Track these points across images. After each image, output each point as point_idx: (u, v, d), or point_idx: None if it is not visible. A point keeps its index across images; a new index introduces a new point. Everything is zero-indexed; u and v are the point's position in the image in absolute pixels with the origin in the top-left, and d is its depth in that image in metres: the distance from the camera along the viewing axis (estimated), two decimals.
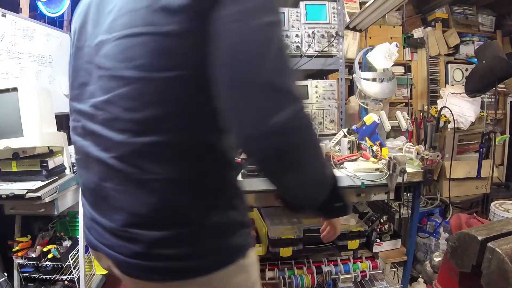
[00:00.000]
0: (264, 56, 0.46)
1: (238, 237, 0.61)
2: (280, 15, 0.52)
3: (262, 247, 1.55)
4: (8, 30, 1.92)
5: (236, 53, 0.46)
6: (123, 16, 0.52)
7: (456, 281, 0.91)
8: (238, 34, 0.46)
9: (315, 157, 0.53)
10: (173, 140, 0.51)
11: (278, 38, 0.49)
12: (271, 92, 0.46)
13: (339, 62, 2.03)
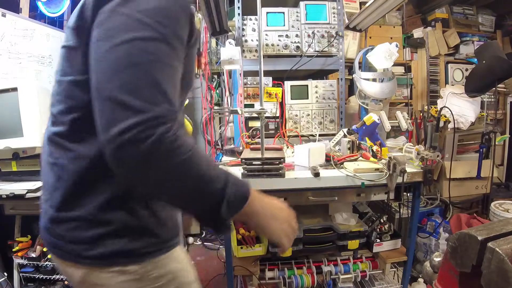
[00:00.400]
0: (113, 73, 0.50)
1: (127, 241, 0.60)
2: (157, 30, 0.52)
3: (262, 247, 1.55)
4: (8, 30, 1.92)
5: (96, 68, 0.52)
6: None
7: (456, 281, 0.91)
8: (98, 52, 0.53)
9: (164, 170, 0.50)
10: (70, 132, 0.60)
11: (136, 54, 0.50)
12: (114, 105, 0.48)
13: (339, 62, 2.03)
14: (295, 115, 2.00)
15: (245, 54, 1.96)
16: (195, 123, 3.09)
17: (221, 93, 2.85)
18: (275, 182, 1.31)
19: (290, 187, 1.32)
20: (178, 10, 0.55)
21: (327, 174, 1.34)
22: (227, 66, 1.67)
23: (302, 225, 1.55)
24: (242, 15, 1.94)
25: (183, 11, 0.56)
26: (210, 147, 2.90)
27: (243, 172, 1.31)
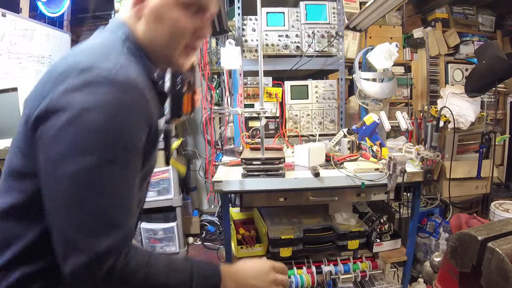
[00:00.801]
0: (62, 209, 0.50)
1: None
2: (103, 155, 0.51)
3: (262, 247, 1.54)
4: (8, 30, 1.92)
5: (46, 198, 0.52)
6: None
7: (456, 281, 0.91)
8: (46, 182, 0.52)
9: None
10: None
11: (82, 188, 0.50)
12: (65, 242, 0.50)
13: (339, 62, 2.03)
14: (295, 115, 2.00)
15: (245, 54, 1.96)
16: (195, 123, 3.09)
17: (221, 93, 2.85)
18: (275, 182, 1.31)
19: (290, 187, 1.32)
20: (128, 120, 0.53)
21: (327, 174, 1.34)
22: (227, 66, 1.67)
23: (302, 225, 1.55)
24: (242, 15, 1.94)
25: (136, 117, 0.55)
26: (210, 147, 2.90)
27: (243, 172, 1.31)
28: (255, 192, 1.35)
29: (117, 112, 0.51)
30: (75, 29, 2.86)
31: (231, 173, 1.38)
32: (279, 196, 1.38)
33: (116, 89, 0.52)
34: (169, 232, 2.56)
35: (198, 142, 3.12)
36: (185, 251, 2.65)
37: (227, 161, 1.58)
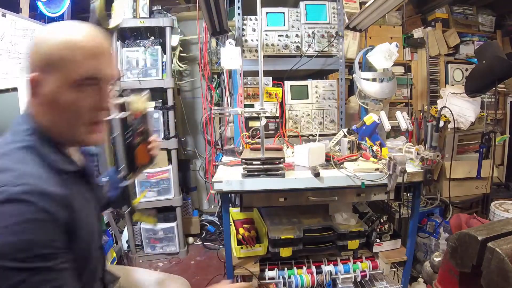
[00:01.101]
0: None
1: None
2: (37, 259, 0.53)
3: (262, 247, 1.55)
4: (8, 30, 1.92)
5: None
6: None
7: (456, 281, 0.91)
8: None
9: None
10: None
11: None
12: None
13: (339, 62, 2.03)
14: (295, 115, 2.00)
15: (245, 54, 1.96)
16: (195, 123, 3.09)
17: (221, 93, 2.85)
18: (275, 182, 1.31)
19: (290, 187, 1.32)
20: (43, 232, 0.55)
21: (327, 174, 1.34)
22: (227, 66, 1.67)
23: (302, 225, 1.55)
24: (242, 15, 1.94)
25: (43, 226, 0.55)
26: (210, 147, 2.90)
27: (243, 172, 1.31)
28: (255, 192, 1.35)
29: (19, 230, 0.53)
30: None
31: (231, 173, 1.39)
32: (279, 196, 1.38)
33: (15, 207, 0.53)
34: (169, 232, 2.56)
35: (198, 142, 3.12)
36: (185, 251, 2.65)
37: (227, 161, 1.58)
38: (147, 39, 2.42)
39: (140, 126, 0.90)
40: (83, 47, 0.65)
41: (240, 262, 1.50)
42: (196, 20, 2.75)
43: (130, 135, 0.87)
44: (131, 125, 0.87)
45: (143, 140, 0.92)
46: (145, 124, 0.92)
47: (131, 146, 0.88)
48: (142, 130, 0.90)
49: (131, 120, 0.88)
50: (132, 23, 2.32)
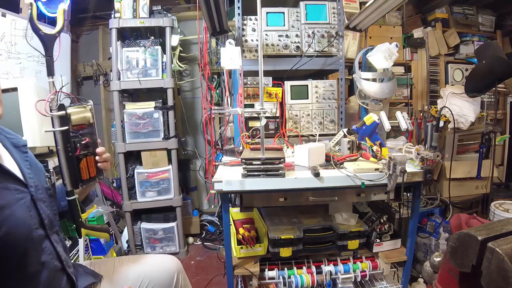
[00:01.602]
0: None
1: None
2: None
3: (262, 247, 1.55)
4: (8, 30, 1.92)
5: None
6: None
7: (456, 281, 0.91)
8: None
9: None
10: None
11: None
12: None
13: (339, 62, 2.03)
14: (295, 115, 2.00)
15: (245, 54, 1.96)
16: (195, 123, 3.09)
17: (221, 93, 2.85)
18: (275, 182, 1.31)
19: (290, 187, 1.32)
20: None
21: (327, 174, 1.34)
22: (227, 66, 1.67)
23: (302, 225, 1.55)
24: (242, 15, 1.94)
25: None
26: (210, 147, 2.90)
27: (243, 172, 1.31)
28: (255, 192, 1.35)
29: None
30: (75, 29, 2.86)
31: (231, 173, 1.39)
32: (279, 196, 1.38)
33: None
34: (169, 232, 2.56)
35: (198, 142, 3.12)
36: (185, 251, 2.65)
37: (227, 161, 1.58)
38: (147, 39, 2.42)
39: (85, 138, 0.87)
40: None
41: (240, 262, 1.50)
42: (196, 20, 2.75)
43: (73, 148, 0.84)
44: (74, 138, 0.85)
45: (89, 153, 0.89)
46: (91, 136, 0.89)
47: (74, 160, 0.85)
48: (86, 142, 0.87)
49: (75, 132, 0.86)
50: (132, 23, 2.32)
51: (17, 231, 0.73)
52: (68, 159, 0.83)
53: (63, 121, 0.83)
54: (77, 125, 0.86)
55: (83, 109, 0.87)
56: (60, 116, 0.82)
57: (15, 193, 0.78)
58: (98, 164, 0.89)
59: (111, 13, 2.35)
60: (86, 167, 0.88)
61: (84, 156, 0.87)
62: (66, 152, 0.83)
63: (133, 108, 2.40)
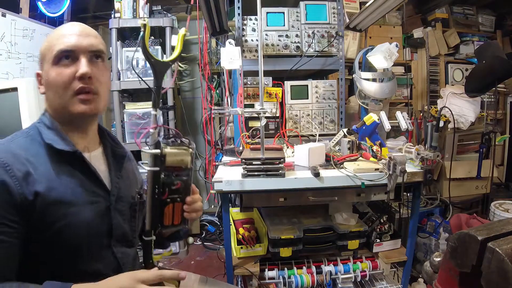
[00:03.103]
0: None
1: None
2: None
3: (262, 247, 1.54)
4: (8, 30, 1.92)
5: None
6: None
7: (456, 281, 0.91)
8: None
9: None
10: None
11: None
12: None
13: (339, 62, 2.03)
14: (295, 115, 2.00)
15: (245, 54, 1.96)
16: (195, 123, 3.09)
17: (221, 93, 2.85)
18: (275, 182, 1.31)
19: (290, 187, 1.32)
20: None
21: (327, 174, 1.34)
22: (227, 66, 1.67)
23: (302, 225, 1.55)
24: (242, 15, 1.94)
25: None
26: (210, 147, 2.90)
27: (243, 172, 1.31)
28: (255, 192, 1.35)
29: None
30: None
31: (231, 173, 1.38)
32: (279, 196, 1.38)
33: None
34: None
35: (198, 142, 3.12)
36: (185, 251, 2.65)
37: (227, 161, 1.58)
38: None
39: (177, 183, 0.78)
40: (55, 33, 0.77)
41: (240, 262, 1.50)
42: (196, 20, 2.75)
43: (160, 191, 0.76)
44: (166, 179, 0.76)
45: (179, 199, 0.79)
46: (185, 181, 0.79)
47: (160, 203, 0.76)
48: (178, 188, 0.78)
49: (169, 172, 0.77)
50: (132, 23, 2.32)
51: (76, 230, 0.73)
52: (153, 200, 0.75)
53: (156, 161, 0.74)
54: (172, 167, 0.77)
55: (183, 152, 0.78)
56: (153, 154, 0.74)
57: (92, 195, 0.78)
58: (185, 213, 0.80)
59: (111, 13, 2.35)
60: (170, 213, 0.79)
61: (172, 202, 0.78)
62: (153, 193, 0.75)
63: (133, 108, 2.40)
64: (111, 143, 0.90)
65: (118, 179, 0.85)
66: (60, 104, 0.77)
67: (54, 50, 0.74)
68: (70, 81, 0.74)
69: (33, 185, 0.69)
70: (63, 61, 0.75)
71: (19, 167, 0.69)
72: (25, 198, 0.68)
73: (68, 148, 0.76)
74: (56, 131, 0.77)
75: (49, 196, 0.70)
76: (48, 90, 0.78)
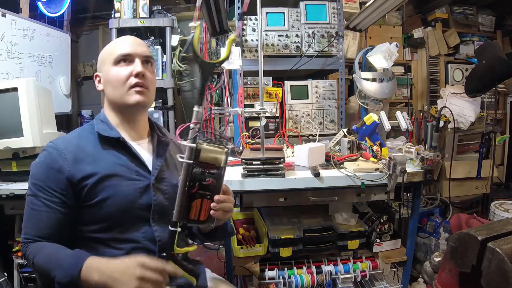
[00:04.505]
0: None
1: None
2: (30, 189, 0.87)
3: (262, 247, 1.54)
4: (8, 30, 1.92)
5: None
6: None
7: (456, 281, 0.91)
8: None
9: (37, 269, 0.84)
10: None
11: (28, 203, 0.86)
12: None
13: (339, 62, 2.03)
14: (295, 115, 2.00)
15: (245, 54, 1.96)
16: None
17: (221, 93, 2.85)
18: (275, 182, 1.31)
19: (290, 187, 1.32)
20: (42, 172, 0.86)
21: (327, 174, 1.34)
22: (227, 66, 1.67)
23: (302, 225, 1.55)
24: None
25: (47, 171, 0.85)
26: None
27: (243, 172, 1.31)
28: (255, 192, 1.35)
29: (33, 165, 0.89)
30: (75, 29, 2.86)
31: (231, 173, 1.39)
32: (279, 196, 1.38)
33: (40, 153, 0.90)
34: None
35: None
36: None
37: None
38: (147, 39, 2.42)
39: (209, 180, 0.79)
40: (117, 41, 0.97)
41: (240, 262, 1.50)
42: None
43: (192, 185, 0.78)
44: (197, 175, 0.79)
45: (208, 196, 0.80)
46: (216, 179, 0.80)
47: (188, 197, 0.79)
48: (208, 184, 0.79)
49: (202, 168, 0.79)
50: (132, 23, 2.32)
51: (117, 200, 0.86)
52: (183, 192, 0.78)
53: (191, 154, 0.78)
54: (205, 163, 0.79)
55: (217, 150, 0.79)
56: (190, 148, 0.78)
57: (134, 173, 0.91)
58: (211, 211, 0.81)
59: (111, 13, 2.34)
60: (198, 208, 0.80)
61: (200, 197, 0.80)
62: (184, 184, 0.78)
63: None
64: (158, 133, 1.02)
65: (159, 163, 0.96)
66: (118, 96, 0.92)
67: (115, 54, 0.91)
68: (127, 77, 0.91)
69: (81, 165, 0.86)
70: (121, 63, 0.91)
71: (71, 150, 0.87)
72: (73, 176, 0.84)
73: (113, 135, 0.91)
74: (106, 124, 0.94)
75: (95, 172, 0.85)
76: (108, 86, 0.93)
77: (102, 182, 0.85)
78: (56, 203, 0.84)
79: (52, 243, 0.83)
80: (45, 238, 0.84)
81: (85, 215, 0.86)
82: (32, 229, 0.85)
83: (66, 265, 0.77)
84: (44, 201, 0.84)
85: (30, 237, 0.84)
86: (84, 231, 0.87)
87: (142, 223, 0.90)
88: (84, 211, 0.85)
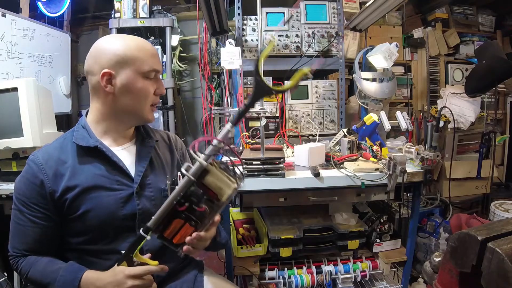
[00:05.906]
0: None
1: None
2: (14, 203, 0.88)
3: (262, 247, 1.54)
4: (8, 30, 1.92)
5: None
6: None
7: (456, 281, 0.91)
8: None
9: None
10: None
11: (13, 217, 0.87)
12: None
13: (339, 62, 2.03)
14: (295, 115, 2.00)
15: (245, 54, 1.96)
16: (195, 123, 3.09)
17: (221, 93, 2.85)
18: (275, 182, 1.31)
19: (290, 187, 1.32)
20: (25, 187, 0.85)
21: (327, 174, 1.34)
22: (227, 66, 1.67)
23: (302, 225, 1.55)
24: (242, 15, 1.94)
25: (30, 186, 0.84)
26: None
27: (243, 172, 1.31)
28: (255, 192, 1.35)
29: (17, 180, 0.88)
30: (75, 29, 2.86)
31: None
32: (279, 196, 1.38)
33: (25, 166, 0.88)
34: None
35: None
36: None
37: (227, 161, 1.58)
38: (147, 39, 2.42)
39: (202, 206, 0.71)
40: (148, 50, 0.89)
41: (240, 262, 1.50)
42: (196, 20, 2.75)
43: (182, 203, 0.71)
44: (192, 195, 0.71)
45: (192, 222, 0.72)
46: (209, 211, 0.72)
47: (172, 212, 0.72)
48: (199, 212, 0.71)
49: (200, 190, 0.71)
50: (132, 23, 2.32)
51: (98, 213, 0.85)
52: (169, 205, 0.71)
53: (197, 171, 0.70)
54: (208, 188, 0.71)
55: (227, 181, 0.72)
56: (201, 165, 0.69)
57: (115, 183, 0.88)
58: (187, 239, 0.75)
59: (111, 13, 2.34)
60: (175, 229, 0.73)
61: (184, 219, 0.72)
62: (174, 197, 0.70)
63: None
64: (143, 135, 1.00)
65: (142, 168, 0.93)
66: (138, 108, 0.89)
67: (147, 66, 0.87)
68: (151, 94, 0.90)
69: (62, 179, 0.84)
70: (150, 78, 0.89)
71: (51, 165, 0.85)
72: (54, 191, 0.83)
73: (90, 143, 0.87)
74: (86, 130, 0.90)
75: (75, 185, 0.84)
76: (127, 94, 0.87)
77: (83, 195, 0.84)
78: (41, 218, 0.84)
79: (42, 257, 0.86)
80: (33, 252, 0.86)
81: (70, 228, 0.86)
82: (19, 243, 0.86)
83: (62, 280, 0.80)
84: (29, 216, 0.85)
85: (18, 251, 0.86)
86: (72, 243, 0.87)
87: (128, 233, 0.88)
88: (69, 224, 0.86)
